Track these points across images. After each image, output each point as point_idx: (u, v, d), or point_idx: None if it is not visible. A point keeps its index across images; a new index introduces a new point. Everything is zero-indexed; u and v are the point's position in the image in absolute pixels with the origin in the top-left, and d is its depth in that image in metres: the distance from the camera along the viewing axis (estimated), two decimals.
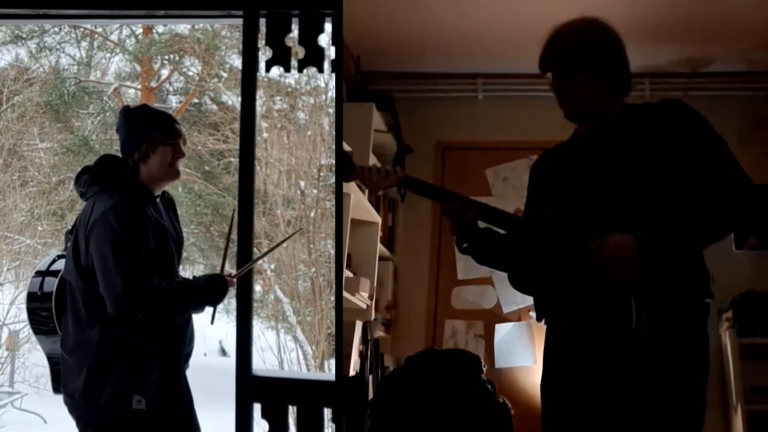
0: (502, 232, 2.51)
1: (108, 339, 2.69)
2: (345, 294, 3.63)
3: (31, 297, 2.95)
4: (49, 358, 2.95)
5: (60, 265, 2.95)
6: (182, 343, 2.90)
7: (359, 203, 3.93)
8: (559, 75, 2.45)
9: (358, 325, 3.90)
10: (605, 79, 2.44)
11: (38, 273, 2.99)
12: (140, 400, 2.69)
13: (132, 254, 2.65)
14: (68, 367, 2.79)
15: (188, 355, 2.97)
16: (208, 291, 2.84)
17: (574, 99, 2.45)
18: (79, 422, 2.79)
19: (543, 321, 2.57)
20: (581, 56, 2.41)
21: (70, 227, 2.94)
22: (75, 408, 2.78)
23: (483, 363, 3.15)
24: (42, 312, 2.90)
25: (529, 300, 2.72)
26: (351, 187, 3.71)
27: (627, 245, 2.23)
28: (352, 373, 3.79)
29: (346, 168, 2.51)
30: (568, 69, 2.43)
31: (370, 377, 4.15)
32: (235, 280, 2.94)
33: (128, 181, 2.83)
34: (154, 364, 2.75)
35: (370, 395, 4.00)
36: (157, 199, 2.92)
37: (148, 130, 2.87)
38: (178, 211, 3.10)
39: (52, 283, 2.91)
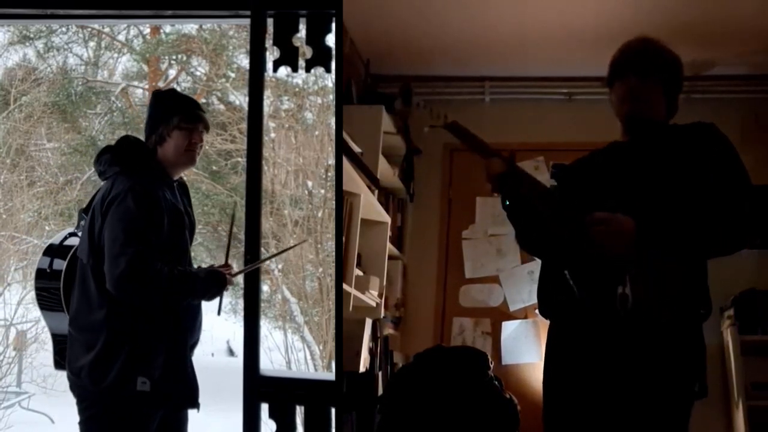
0: None
1: (117, 319, 2.67)
2: (355, 292, 3.68)
3: (40, 274, 2.93)
4: (54, 335, 2.93)
5: (72, 242, 2.94)
6: (191, 330, 2.88)
7: (369, 203, 3.98)
8: (637, 76, 2.55)
9: (368, 322, 3.93)
10: (670, 95, 2.60)
11: (48, 249, 2.97)
12: (145, 382, 2.67)
13: (142, 237, 2.64)
14: (76, 344, 2.76)
15: (194, 344, 2.95)
16: (207, 285, 2.81)
17: (642, 101, 2.57)
18: (81, 402, 2.76)
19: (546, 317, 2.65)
20: (662, 66, 2.57)
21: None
22: (77, 386, 2.75)
23: (490, 360, 3.21)
24: (50, 289, 2.88)
25: (535, 298, 2.77)
26: (361, 188, 3.76)
27: (627, 224, 2.34)
28: (362, 369, 3.83)
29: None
30: (648, 72, 2.55)
31: (380, 374, 4.20)
32: (234, 279, 2.92)
33: (147, 164, 2.83)
34: (160, 347, 2.72)
35: (380, 391, 4.05)
36: (175, 184, 2.91)
37: (166, 113, 2.86)
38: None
39: (61, 262, 2.89)
